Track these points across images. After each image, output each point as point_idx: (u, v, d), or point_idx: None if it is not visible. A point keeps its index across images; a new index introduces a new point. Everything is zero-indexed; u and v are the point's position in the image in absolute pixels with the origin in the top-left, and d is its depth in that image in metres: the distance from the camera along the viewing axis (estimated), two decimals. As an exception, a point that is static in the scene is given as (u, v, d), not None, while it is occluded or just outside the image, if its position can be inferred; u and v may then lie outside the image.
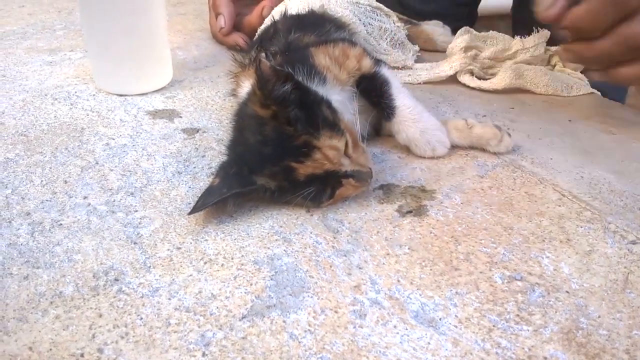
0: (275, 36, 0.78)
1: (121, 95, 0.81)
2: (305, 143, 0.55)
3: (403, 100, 0.67)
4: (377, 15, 0.93)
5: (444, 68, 0.87)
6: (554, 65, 0.88)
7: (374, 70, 0.69)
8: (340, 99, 0.65)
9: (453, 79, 0.88)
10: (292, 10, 0.87)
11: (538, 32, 0.87)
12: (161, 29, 0.82)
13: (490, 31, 0.91)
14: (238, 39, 0.95)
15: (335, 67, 0.67)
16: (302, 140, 0.55)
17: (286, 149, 0.56)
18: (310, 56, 0.67)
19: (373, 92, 0.68)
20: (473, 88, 0.85)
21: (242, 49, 0.79)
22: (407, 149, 0.68)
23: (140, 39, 0.79)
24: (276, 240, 0.53)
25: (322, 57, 0.67)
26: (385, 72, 0.69)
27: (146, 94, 0.82)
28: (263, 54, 0.72)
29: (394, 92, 0.67)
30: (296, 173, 0.55)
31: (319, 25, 0.80)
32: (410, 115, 0.66)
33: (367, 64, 0.69)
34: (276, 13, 0.89)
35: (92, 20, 0.78)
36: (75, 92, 0.83)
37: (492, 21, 2.81)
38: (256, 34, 0.89)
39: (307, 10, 0.87)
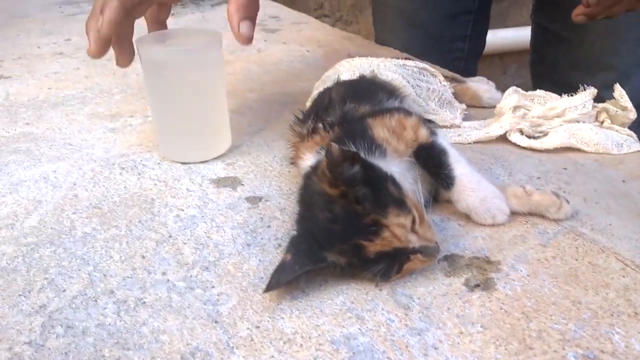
0: (330, 106, 0.81)
1: (184, 164, 0.85)
2: (374, 222, 0.58)
3: (461, 169, 0.69)
4: (424, 76, 0.96)
5: (494, 128, 0.89)
6: (602, 122, 0.89)
7: (431, 140, 0.71)
8: (399, 170, 0.67)
9: (502, 138, 0.90)
10: (344, 76, 0.90)
11: (585, 90, 0.89)
12: (223, 98, 0.87)
13: (537, 90, 0.93)
14: None
15: (393, 139, 0.69)
16: (370, 219, 0.58)
17: (355, 227, 0.58)
18: (368, 128, 0.70)
19: (430, 162, 0.70)
20: (524, 147, 0.87)
21: (298, 119, 0.83)
22: (466, 216, 0.70)
23: (205, 110, 0.83)
24: (349, 317, 0.55)
25: (380, 129, 0.70)
26: (441, 141, 0.72)
27: (208, 161, 0.86)
28: (320, 125, 0.76)
29: (452, 162, 0.69)
30: (365, 251, 0.58)
31: (372, 93, 0.83)
32: (470, 184, 0.68)
33: (423, 134, 0.71)
34: (328, 79, 0.92)
35: (158, 95, 0.83)
36: (141, 160, 0.87)
37: (522, 56, 2.82)
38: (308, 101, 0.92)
39: (357, 75, 0.91)
